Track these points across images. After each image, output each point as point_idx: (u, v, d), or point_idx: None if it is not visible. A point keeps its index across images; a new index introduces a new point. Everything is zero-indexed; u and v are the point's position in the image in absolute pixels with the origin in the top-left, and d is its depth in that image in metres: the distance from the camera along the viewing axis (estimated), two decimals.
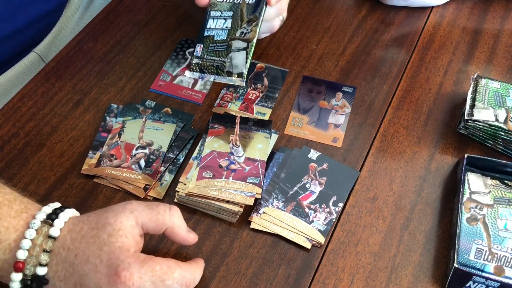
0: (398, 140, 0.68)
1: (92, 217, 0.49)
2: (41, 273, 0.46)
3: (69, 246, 0.47)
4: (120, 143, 0.65)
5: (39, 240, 0.46)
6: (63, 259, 0.46)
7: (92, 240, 0.46)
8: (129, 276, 0.44)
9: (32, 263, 0.46)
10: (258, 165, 0.63)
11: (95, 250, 0.46)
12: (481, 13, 0.84)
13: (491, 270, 0.54)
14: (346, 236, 0.60)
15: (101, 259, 0.45)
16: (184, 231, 0.52)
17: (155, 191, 0.62)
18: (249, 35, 0.60)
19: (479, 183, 0.61)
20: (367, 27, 0.81)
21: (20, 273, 0.46)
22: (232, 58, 0.60)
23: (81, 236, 0.47)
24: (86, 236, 0.47)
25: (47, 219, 0.48)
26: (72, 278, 0.46)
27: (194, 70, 0.62)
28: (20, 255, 0.46)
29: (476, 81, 0.69)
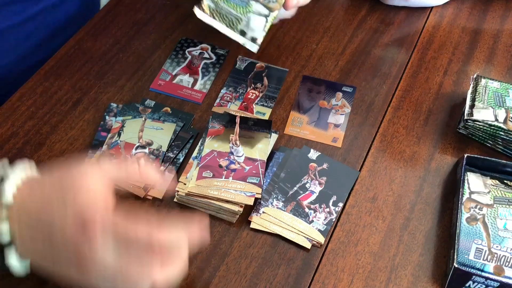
0: (398, 140, 0.68)
1: (54, 178, 0.46)
2: (4, 236, 0.44)
3: (30, 202, 0.45)
4: (120, 142, 0.65)
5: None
6: (23, 221, 0.44)
7: (56, 202, 0.44)
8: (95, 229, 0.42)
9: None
10: (258, 165, 0.63)
11: (60, 209, 0.43)
12: (481, 13, 0.84)
13: (490, 270, 0.54)
14: (346, 236, 0.60)
15: (67, 216, 0.43)
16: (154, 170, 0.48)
17: (155, 190, 0.62)
18: (273, 4, 0.55)
19: (479, 183, 0.61)
20: (367, 27, 0.81)
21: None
22: (249, 19, 0.55)
23: (41, 198, 0.45)
24: (48, 198, 0.44)
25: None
26: (38, 236, 0.44)
27: (204, 11, 0.56)
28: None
29: (476, 81, 0.69)
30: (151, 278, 0.43)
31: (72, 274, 0.44)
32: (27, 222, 0.45)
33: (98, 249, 0.42)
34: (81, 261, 0.43)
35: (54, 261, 0.45)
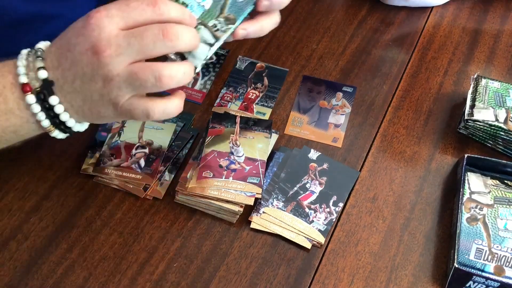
0: (398, 140, 0.68)
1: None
2: (43, 76, 0.47)
3: (55, 42, 0.49)
4: (120, 142, 0.65)
5: (30, 58, 0.48)
6: (53, 52, 0.48)
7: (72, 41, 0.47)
8: (106, 44, 0.45)
9: (33, 77, 0.47)
10: (258, 165, 0.62)
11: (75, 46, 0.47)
12: (481, 13, 0.84)
13: (491, 270, 0.54)
14: (346, 236, 0.60)
15: (80, 46, 0.46)
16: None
17: (155, 190, 0.62)
18: (220, 33, 0.52)
19: (479, 183, 0.61)
20: (367, 27, 0.81)
21: (31, 94, 0.47)
22: None
23: (60, 37, 0.49)
24: (67, 42, 0.48)
25: (29, 51, 0.49)
26: (63, 56, 0.47)
27: None
28: (22, 79, 0.47)
29: (476, 81, 0.69)
30: (166, 68, 0.46)
31: (106, 109, 0.48)
32: (60, 69, 0.48)
33: (112, 61, 0.45)
34: (106, 86, 0.46)
35: (90, 100, 0.48)
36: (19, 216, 0.60)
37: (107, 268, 0.56)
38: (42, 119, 0.49)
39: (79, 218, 0.60)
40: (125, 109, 0.48)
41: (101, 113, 0.49)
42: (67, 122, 0.50)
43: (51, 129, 0.50)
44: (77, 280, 0.55)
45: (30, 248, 0.57)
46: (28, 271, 0.56)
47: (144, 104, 0.48)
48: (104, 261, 0.57)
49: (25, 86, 0.47)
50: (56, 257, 0.57)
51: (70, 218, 0.60)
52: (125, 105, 0.48)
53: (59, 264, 0.57)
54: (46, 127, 0.49)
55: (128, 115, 0.49)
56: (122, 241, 0.58)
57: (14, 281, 0.55)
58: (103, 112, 0.49)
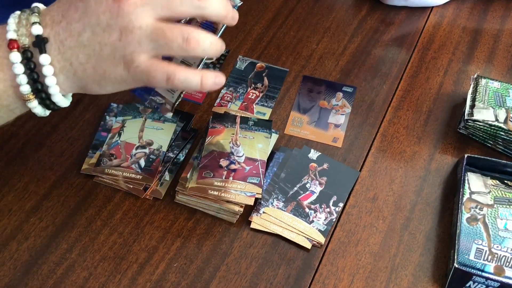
0: (398, 140, 0.68)
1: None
2: (37, 32, 0.43)
3: (59, 1, 0.44)
4: (120, 142, 0.65)
5: (24, 15, 0.44)
6: (55, 9, 0.44)
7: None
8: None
9: (23, 33, 0.43)
10: (258, 165, 0.63)
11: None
12: (481, 13, 0.84)
13: (491, 270, 0.54)
14: (346, 236, 0.60)
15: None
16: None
17: (155, 190, 0.62)
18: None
19: (479, 183, 0.61)
20: (367, 27, 0.81)
21: (16, 52, 0.43)
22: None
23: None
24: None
25: (22, 12, 0.44)
26: (71, 8, 0.43)
27: None
28: (10, 35, 0.43)
29: (476, 81, 0.69)
30: (195, 32, 0.42)
31: (114, 68, 0.43)
32: (57, 8, 0.44)
33: (135, 11, 0.41)
34: (122, 39, 0.42)
35: (96, 56, 0.43)
36: (19, 216, 0.60)
37: (107, 268, 0.56)
38: (23, 83, 0.43)
39: (79, 218, 0.60)
40: (142, 70, 0.43)
41: (106, 73, 0.44)
42: (50, 88, 0.44)
43: (30, 97, 0.44)
44: (77, 280, 0.56)
45: (30, 248, 0.57)
46: (28, 271, 0.56)
47: (167, 67, 0.43)
48: (104, 261, 0.57)
49: (12, 43, 0.42)
50: (56, 257, 0.57)
51: (70, 218, 0.60)
52: (143, 65, 0.43)
53: (59, 264, 0.57)
54: (25, 94, 0.44)
55: (143, 77, 0.43)
56: (122, 241, 0.58)
57: (14, 281, 0.55)
58: (109, 71, 0.44)
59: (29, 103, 0.45)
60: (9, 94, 0.45)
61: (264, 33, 0.80)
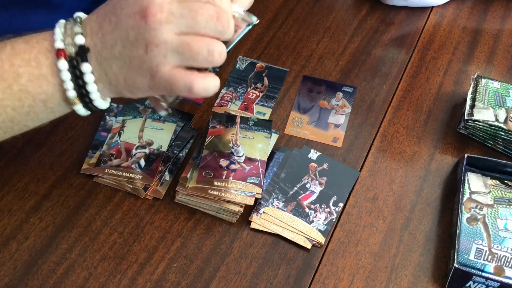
0: (398, 140, 0.68)
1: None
2: (80, 42, 0.46)
3: (97, 10, 0.48)
4: (120, 142, 0.65)
5: (69, 25, 0.47)
6: (94, 19, 0.47)
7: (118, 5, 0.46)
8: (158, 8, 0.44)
9: (69, 43, 0.46)
10: (258, 165, 0.62)
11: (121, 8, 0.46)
12: (481, 13, 0.84)
13: (491, 270, 0.54)
14: (346, 236, 0.60)
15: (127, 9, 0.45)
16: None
17: (155, 190, 0.62)
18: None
19: (479, 183, 0.61)
20: (367, 27, 0.81)
21: (64, 60, 0.46)
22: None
23: (105, 4, 0.48)
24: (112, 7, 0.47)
25: (68, 19, 0.48)
26: (106, 20, 0.46)
27: None
28: (58, 44, 0.46)
29: (476, 81, 0.69)
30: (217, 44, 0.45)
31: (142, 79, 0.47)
32: (96, 19, 0.47)
33: (160, 27, 0.44)
34: (148, 52, 0.45)
35: (127, 68, 0.47)
36: (19, 216, 0.60)
37: (107, 268, 0.56)
38: (69, 89, 0.47)
39: (79, 218, 0.60)
40: (165, 80, 0.46)
41: (136, 83, 0.47)
42: (92, 94, 0.48)
43: (76, 101, 0.48)
44: (77, 280, 0.56)
45: (30, 248, 0.57)
46: (28, 271, 0.56)
47: (189, 77, 0.46)
48: (104, 261, 0.57)
49: (59, 52, 0.46)
50: (56, 257, 0.57)
51: (70, 218, 0.60)
52: (167, 76, 0.46)
53: (59, 264, 0.57)
54: (71, 98, 0.48)
55: (167, 87, 0.46)
56: (122, 241, 0.58)
57: (14, 281, 0.55)
58: (138, 82, 0.47)
59: (74, 106, 0.49)
60: (56, 98, 0.48)
61: (264, 33, 0.80)
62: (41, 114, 0.50)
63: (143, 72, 0.47)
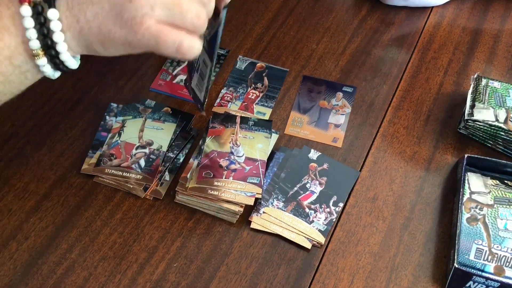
0: (398, 140, 0.68)
1: None
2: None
3: None
4: (120, 142, 0.65)
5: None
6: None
7: None
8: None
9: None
10: (258, 165, 0.62)
11: None
12: (481, 13, 0.84)
13: (491, 270, 0.54)
14: (346, 236, 0.60)
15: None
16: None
17: (155, 190, 0.62)
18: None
19: (479, 183, 0.61)
20: (367, 27, 0.81)
21: (27, 6, 0.42)
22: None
23: None
24: None
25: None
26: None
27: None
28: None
29: (476, 81, 0.69)
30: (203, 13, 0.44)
31: (119, 30, 0.43)
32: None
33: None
34: (131, 1, 0.42)
35: (103, 15, 0.43)
36: (19, 216, 0.60)
37: (107, 268, 0.56)
38: (32, 38, 0.43)
39: (79, 218, 0.60)
40: (151, 34, 0.43)
41: (111, 33, 0.43)
42: (58, 45, 0.44)
43: (39, 53, 0.44)
44: (77, 280, 0.56)
45: (30, 248, 0.57)
46: (28, 271, 0.56)
47: (179, 33, 0.43)
48: (104, 261, 0.57)
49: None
50: (56, 257, 0.57)
51: (70, 218, 0.60)
52: (153, 29, 0.43)
53: (59, 264, 0.57)
54: (35, 49, 0.43)
55: (151, 42, 0.43)
56: (122, 241, 0.58)
57: (14, 281, 0.55)
58: (114, 32, 0.43)
59: (38, 60, 0.44)
60: (20, 52, 0.44)
61: (264, 33, 0.80)
62: (11, 76, 0.45)
63: (122, 22, 0.43)
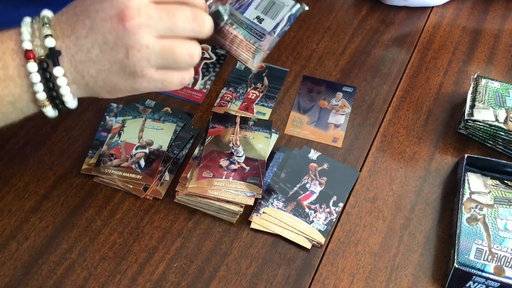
0: (398, 140, 0.68)
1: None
2: (50, 45, 0.45)
3: (66, 10, 0.47)
4: (120, 142, 0.65)
5: (36, 25, 0.46)
6: (64, 21, 0.46)
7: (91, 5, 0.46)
8: (136, 12, 0.43)
9: (38, 44, 0.45)
10: (258, 165, 0.63)
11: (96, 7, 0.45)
12: (481, 13, 0.84)
13: (491, 270, 0.54)
14: (346, 236, 0.60)
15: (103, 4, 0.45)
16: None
17: (155, 190, 0.62)
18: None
19: (479, 183, 0.61)
20: (367, 27, 0.81)
21: (33, 62, 0.45)
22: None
23: (74, 5, 0.47)
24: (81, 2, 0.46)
25: (33, 18, 0.47)
26: (79, 23, 0.45)
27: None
28: (26, 45, 0.45)
29: (476, 81, 0.69)
30: (196, 46, 0.47)
31: (124, 81, 0.47)
32: (66, 20, 0.46)
33: (140, 31, 0.44)
34: (130, 57, 0.45)
35: (106, 71, 0.46)
36: (19, 216, 0.60)
37: (107, 268, 0.56)
38: (39, 91, 0.46)
39: (79, 218, 0.60)
40: (155, 81, 0.47)
41: (116, 85, 0.47)
42: (64, 97, 0.47)
43: (45, 103, 0.47)
44: (77, 280, 0.56)
45: (30, 248, 0.57)
46: (28, 271, 0.56)
47: (177, 73, 0.48)
48: (104, 261, 0.57)
49: (28, 53, 0.45)
50: (56, 257, 0.57)
51: (70, 218, 0.60)
52: (156, 77, 0.47)
53: (59, 264, 0.57)
54: (41, 100, 0.47)
55: (158, 86, 0.48)
56: (122, 241, 0.58)
57: (14, 281, 0.55)
58: (119, 84, 0.47)
59: (43, 108, 0.48)
60: (24, 99, 0.47)
61: None
62: (10, 114, 0.49)
63: (125, 76, 0.46)
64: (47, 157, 0.65)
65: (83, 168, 0.63)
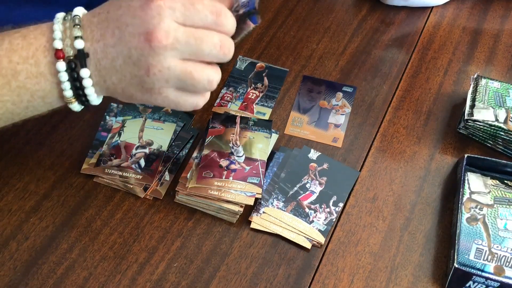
0: (398, 140, 0.68)
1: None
2: (79, 46, 0.46)
3: (99, 13, 0.47)
4: (120, 142, 0.65)
5: (67, 24, 0.47)
6: (95, 24, 0.47)
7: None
8: (164, 34, 0.44)
9: (68, 44, 0.46)
10: (258, 165, 0.63)
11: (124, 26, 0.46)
12: (481, 13, 0.84)
13: (491, 270, 0.54)
14: (346, 236, 0.60)
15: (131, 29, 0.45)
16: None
17: (155, 190, 0.62)
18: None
19: (479, 183, 0.61)
20: (367, 27, 0.81)
21: (62, 61, 0.46)
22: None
23: (107, 9, 0.47)
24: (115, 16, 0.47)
25: (65, 15, 0.48)
26: (108, 31, 0.46)
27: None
28: (56, 44, 0.46)
29: (476, 81, 0.69)
30: (216, 73, 0.49)
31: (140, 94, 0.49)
32: (98, 23, 0.47)
33: (164, 53, 0.45)
34: (149, 75, 0.46)
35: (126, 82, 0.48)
36: (19, 216, 0.60)
37: (107, 268, 0.56)
38: (67, 89, 0.48)
39: (79, 218, 0.60)
40: (170, 100, 0.49)
41: (133, 96, 0.49)
42: (90, 96, 0.49)
43: (72, 100, 0.49)
44: (77, 280, 0.56)
45: (30, 248, 0.57)
46: (28, 271, 0.56)
47: (193, 97, 0.49)
48: (104, 261, 0.57)
49: (58, 52, 0.46)
50: (56, 257, 0.57)
51: (70, 218, 0.60)
52: (172, 97, 0.48)
53: (59, 264, 0.57)
54: (68, 97, 0.49)
55: (172, 105, 0.50)
56: (122, 241, 0.58)
57: (14, 281, 0.55)
58: (136, 95, 0.49)
59: (70, 105, 0.50)
60: (53, 94, 0.49)
61: (264, 33, 0.80)
62: (39, 108, 0.51)
63: (143, 90, 0.48)
64: (47, 157, 0.65)
65: (83, 168, 0.63)
